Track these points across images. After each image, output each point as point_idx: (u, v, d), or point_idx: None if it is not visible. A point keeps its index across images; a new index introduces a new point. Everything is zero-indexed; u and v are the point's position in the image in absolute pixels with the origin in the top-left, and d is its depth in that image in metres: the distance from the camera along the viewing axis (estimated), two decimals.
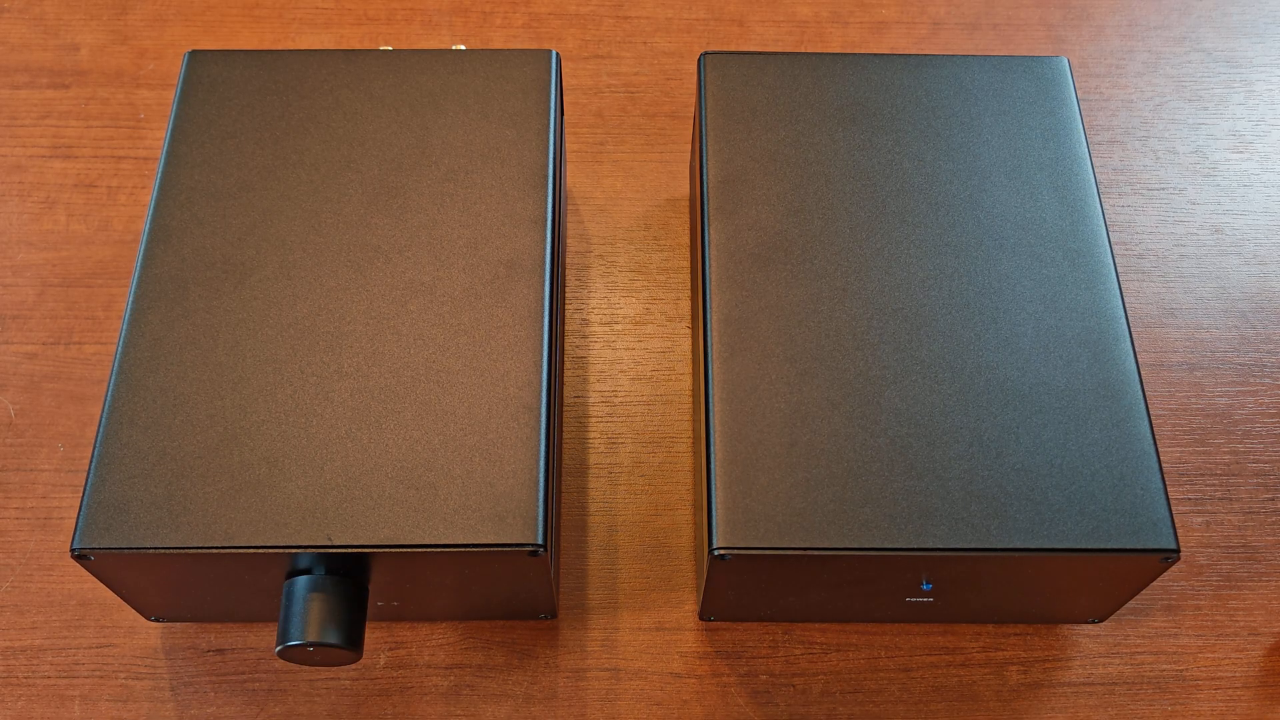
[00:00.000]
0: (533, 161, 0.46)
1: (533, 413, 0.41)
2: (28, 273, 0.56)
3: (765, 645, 0.48)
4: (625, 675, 0.47)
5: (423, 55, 0.49)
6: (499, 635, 0.48)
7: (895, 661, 0.47)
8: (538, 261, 0.44)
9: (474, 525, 0.39)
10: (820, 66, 0.49)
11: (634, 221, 0.59)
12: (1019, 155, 0.47)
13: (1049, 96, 0.49)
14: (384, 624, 0.47)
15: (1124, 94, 0.64)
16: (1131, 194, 0.61)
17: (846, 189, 0.46)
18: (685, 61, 0.64)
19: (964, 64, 0.50)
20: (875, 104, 0.48)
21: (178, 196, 0.45)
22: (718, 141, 0.47)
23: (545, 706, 0.46)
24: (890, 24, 0.66)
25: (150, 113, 0.62)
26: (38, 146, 0.60)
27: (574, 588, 0.49)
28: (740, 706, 0.46)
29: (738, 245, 0.45)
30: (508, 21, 0.66)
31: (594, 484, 0.51)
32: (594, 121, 0.62)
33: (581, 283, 0.57)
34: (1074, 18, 0.67)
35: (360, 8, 0.66)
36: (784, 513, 0.39)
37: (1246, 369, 0.55)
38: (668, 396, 0.53)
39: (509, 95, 0.48)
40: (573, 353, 0.55)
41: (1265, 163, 0.62)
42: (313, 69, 0.48)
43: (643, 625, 0.48)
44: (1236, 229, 0.59)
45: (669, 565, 0.49)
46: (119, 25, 0.65)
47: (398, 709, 0.46)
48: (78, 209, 0.58)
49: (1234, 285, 0.58)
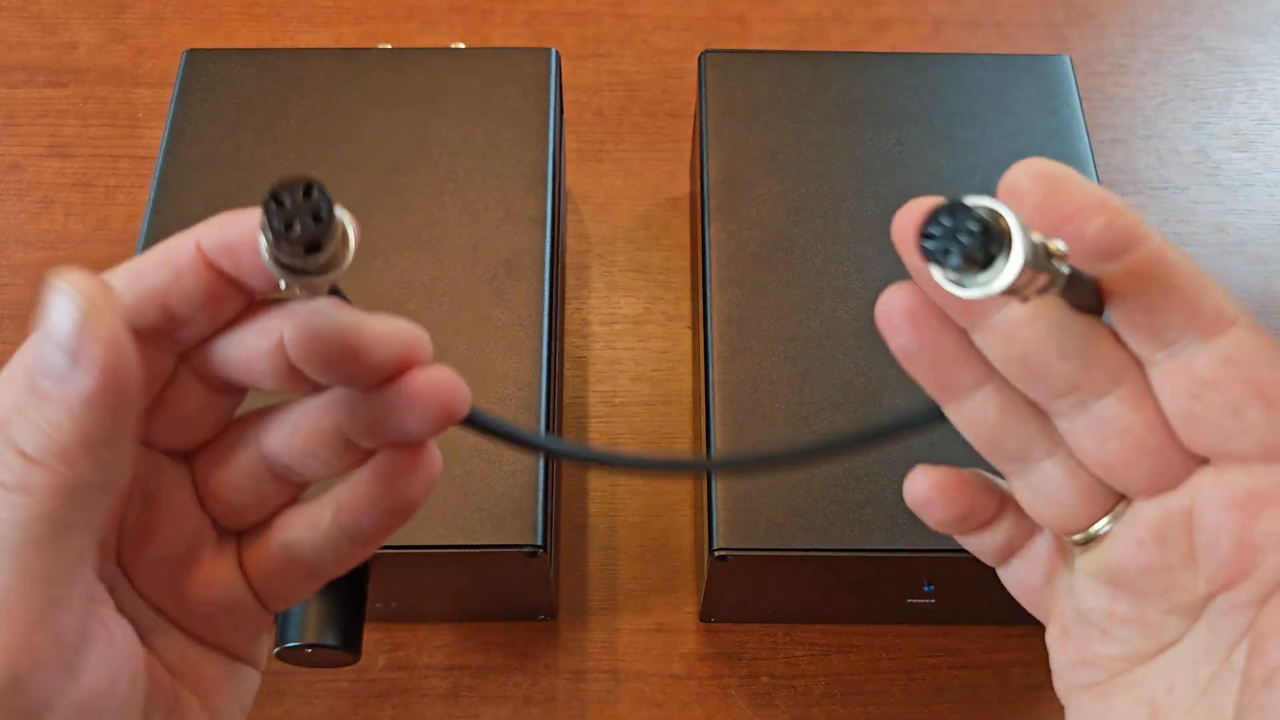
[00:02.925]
0: (532, 160, 0.46)
1: (533, 413, 0.40)
2: (25, 272, 0.56)
3: (766, 647, 0.47)
4: (625, 677, 0.47)
5: (422, 54, 0.49)
6: (498, 637, 0.47)
7: (897, 663, 0.47)
8: (537, 261, 0.44)
9: (473, 526, 0.38)
10: (821, 65, 0.49)
11: (634, 221, 0.59)
12: (1021, 154, 0.46)
13: (1051, 95, 0.49)
14: (383, 625, 0.47)
15: (1126, 93, 0.64)
16: (1134, 193, 0.60)
17: (848, 188, 0.46)
18: (686, 60, 0.64)
19: (966, 62, 0.49)
20: (877, 103, 0.48)
21: (176, 196, 0.45)
22: (718, 140, 0.47)
23: (545, 708, 0.46)
24: (892, 22, 0.66)
25: (148, 111, 0.62)
26: (35, 145, 0.60)
27: (574, 589, 0.49)
28: (741, 708, 0.46)
29: (738, 244, 0.44)
30: (507, 20, 0.65)
31: (594, 484, 0.51)
32: (594, 120, 0.62)
33: (581, 282, 0.57)
34: (1076, 16, 0.67)
35: (359, 6, 0.66)
36: (784, 513, 0.39)
37: None
38: (668, 396, 0.53)
39: (508, 94, 0.48)
40: (573, 353, 0.54)
41: (1268, 162, 0.61)
42: (311, 67, 0.48)
43: (643, 627, 0.48)
44: (1239, 228, 0.59)
45: (669, 566, 0.49)
46: (117, 23, 0.65)
47: (396, 711, 0.46)
48: (75, 208, 0.58)
49: (1237, 285, 0.57)
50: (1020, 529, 0.26)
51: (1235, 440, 0.20)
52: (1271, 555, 0.20)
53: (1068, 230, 0.20)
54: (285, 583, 0.25)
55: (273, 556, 0.25)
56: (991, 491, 0.25)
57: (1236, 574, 0.21)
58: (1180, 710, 0.22)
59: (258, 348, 0.22)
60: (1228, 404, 0.20)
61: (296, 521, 0.24)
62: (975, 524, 0.26)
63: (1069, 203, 0.20)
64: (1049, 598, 0.26)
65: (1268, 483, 0.20)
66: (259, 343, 0.22)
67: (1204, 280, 0.20)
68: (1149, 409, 0.21)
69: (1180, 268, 0.20)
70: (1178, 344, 0.20)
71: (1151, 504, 0.22)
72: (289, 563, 0.25)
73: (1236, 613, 0.21)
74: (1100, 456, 0.22)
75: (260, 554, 0.25)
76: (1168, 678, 0.23)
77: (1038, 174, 0.20)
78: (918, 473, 0.25)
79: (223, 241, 0.21)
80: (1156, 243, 0.20)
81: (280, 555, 0.25)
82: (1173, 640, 0.23)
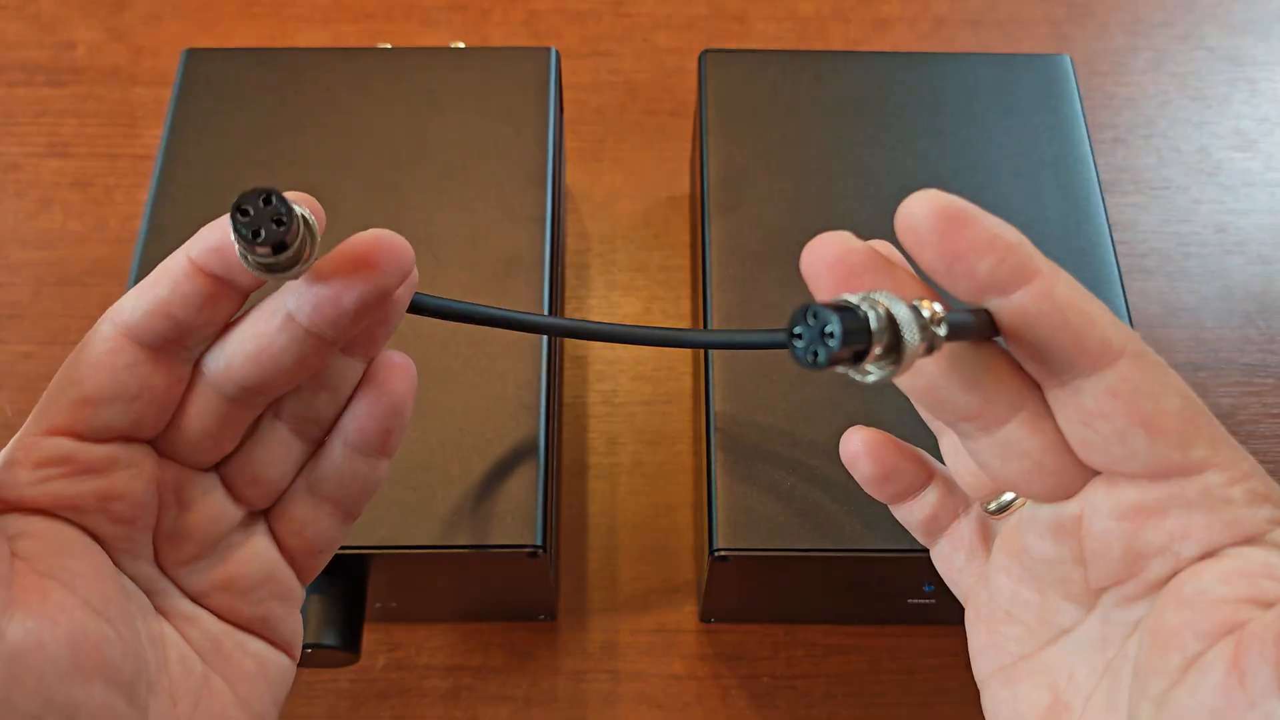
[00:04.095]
0: (532, 159, 0.46)
1: (532, 413, 0.40)
2: (23, 271, 0.56)
3: (766, 647, 0.47)
4: (625, 677, 0.47)
5: (421, 53, 0.49)
6: (498, 637, 0.47)
7: (898, 663, 0.47)
8: (537, 259, 0.43)
9: (473, 526, 0.38)
10: (822, 64, 0.49)
11: (634, 219, 0.58)
12: (1022, 153, 0.47)
13: (1052, 94, 0.48)
14: (382, 625, 0.47)
15: (1127, 92, 0.64)
16: (1135, 193, 0.60)
17: (848, 187, 0.46)
18: (686, 58, 0.64)
19: (967, 61, 0.49)
20: (877, 101, 0.48)
21: (174, 195, 0.45)
22: (718, 139, 0.47)
23: (545, 709, 0.46)
24: (893, 21, 0.66)
25: (147, 110, 0.61)
26: (33, 144, 0.60)
27: (574, 589, 0.49)
28: (741, 708, 0.46)
29: (738, 243, 0.44)
30: (506, 18, 0.65)
31: (594, 484, 0.51)
32: (593, 119, 0.62)
33: (581, 281, 0.56)
34: (1078, 15, 0.67)
35: (358, 4, 0.65)
36: (784, 513, 0.39)
37: (1250, 369, 0.55)
38: (668, 396, 0.53)
39: (508, 92, 0.47)
40: (573, 352, 0.54)
41: (1269, 161, 0.61)
42: (310, 66, 0.48)
43: (643, 627, 0.48)
44: (1240, 228, 0.59)
45: (669, 566, 0.49)
46: (115, 23, 0.64)
47: (396, 711, 0.46)
48: (74, 207, 0.58)
49: (1238, 285, 0.57)
50: (946, 507, 0.29)
51: (1122, 463, 0.22)
52: (1154, 561, 0.22)
53: (959, 268, 0.21)
54: (317, 534, 0.27)
55: (300, 512, 0.27)
56: (920, 462, 0.29)
57: (1124, 575, 0.23)
58: (1081, 695, 0.24)
59: (268, 328, 0.24)
60: (1114, 432, 0.21)
61: (312, 462, 0.27)
62: (901, 488, 0.29)
63: (960, 240, 0.21)
64: (969, 579, 0.28)
65: (1152, 498, 0.22)
66: (268, 325, 0.24)
67: (1092, 313, 0.21)
68: (1049, 432, 0.22)
69: (1069, 303, 0.21)
70: (1067, 376, 0.21)
71: (1048, 507, 0.24)
72: (316, 507, 0.27)
73: (1126, 607, 0.23)
74: (1003, 474, 0.23)
75: (289, 516, 0.27)
76: (1069, 665, 0.25)
77: (931, 210, 0.21)
78: (852, 431, 0.29)
79: (208, 247, 0.23)
80: (1046, 279, 0.21)
81: (307, 503, 0.27)
82: (1069, 627, 0.25)
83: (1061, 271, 0.21)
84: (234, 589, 0.26)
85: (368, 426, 0.27)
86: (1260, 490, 0.22)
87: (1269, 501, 0.22)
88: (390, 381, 0.27)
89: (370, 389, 0.27)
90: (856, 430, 0.29)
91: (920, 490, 0.29)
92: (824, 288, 0.22)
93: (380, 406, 0.27)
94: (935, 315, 0.20)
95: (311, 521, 0.27)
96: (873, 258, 0.22)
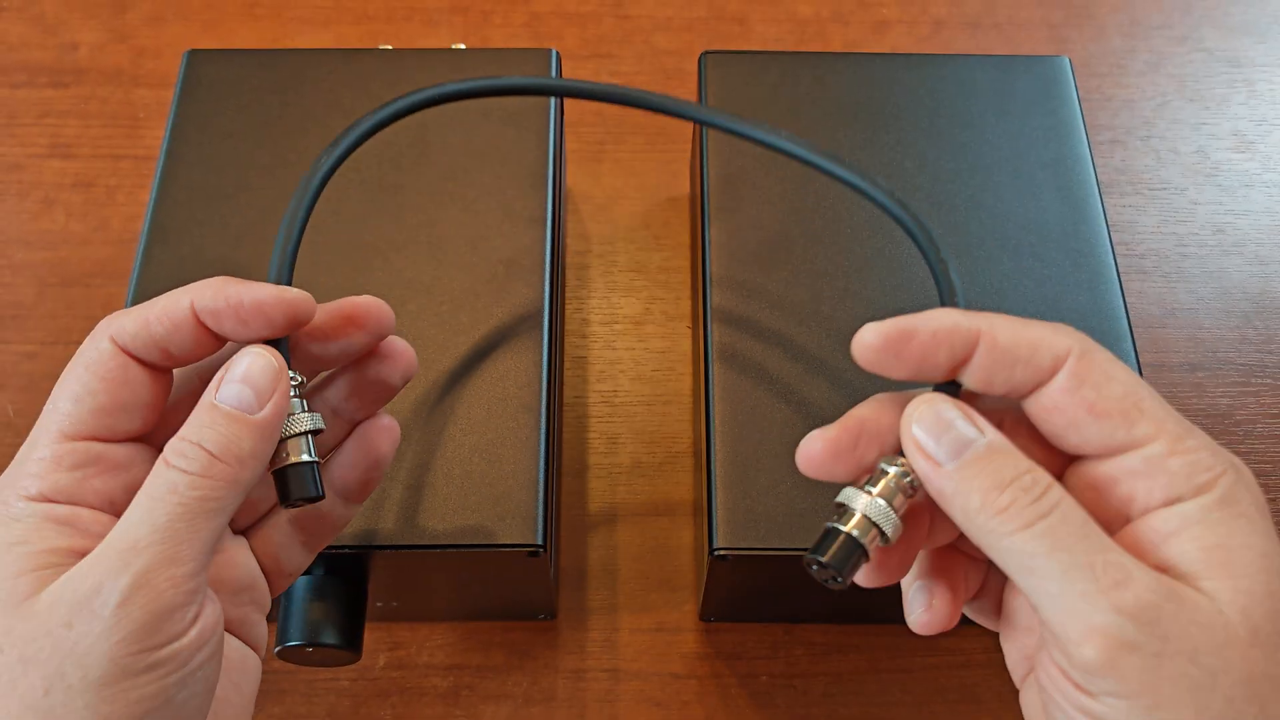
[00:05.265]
0: (532, 160, 0.46)
1: (532, 413, 0.40)
2: (26, 272, 0.56)
3: (766, 646, 0.47)
4: (625, 676, 0.47)
5: (422, 54, 0.49)
6: (498, 636, 0.47)
7: (896, 663, 0.47)
8: (537, 261, 0.44)
9: (473, 525, 0.38)
10: (821, 65, 0.49)
11: (634, 220, 0.59)
12: (1020, 155, 0.47)
13: (1051, 96, 0.49)
14: (383, 624, 0.47)
15: (1126, 93, 0.64)
16: (1133, 194, 0.60)
17: (847, 188, 0.46)
18: (686, 60, 0.64)
19: (965, 63, 0.50)
20: (876, 103, 0.48)
21: (176, 196, 0.45)
22: (718, 140, 0.47)
23: (545, 707, 0.46)
24: (892, 23, 0.66)
25: (149, 112, 0.62)
26: (36, 145, 0.60)
27: (574, 588, 0.49)
28: (741, 708, 0.46)
29: (738, 244, 0.45)
30: (507, 20, 0.66)
31: (594, 484, 0.51)
32: (594, 120, 0.62)
33: (581, 282, 0.57)
34: (1076, 17, 0.67)
35: (359, 6, 0.66)
36: (784, 513, 0.39)
37: (1248, 369, 0.55)
38: (668, 396, 0.53)
39: None
40: (573, 352, 0.54)
41: (1267, 163, 0.61)
42: (312, 68, 0.48)
43: (643, 626, 0.48)
44: (1238, 229, 0.59)
45: (669, 565, 0.49)
46: (117, 24, 0.65)
47: (397, 710, 0.46)
48: (76, 208, 0.58)
49: (1236, 285, 0.57)
50: None
51: (1081, 446, 0.26)
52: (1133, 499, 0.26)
53: (926, 369, 0.26)
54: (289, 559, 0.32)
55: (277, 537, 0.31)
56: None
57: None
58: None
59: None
60: (1070, 422, 0.25)
61: None
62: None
63: (913, 350, 0.25)
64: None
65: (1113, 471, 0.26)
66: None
67: (1034, 338, 0.25)
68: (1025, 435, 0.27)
69: (1012, 341, 0.25)
70: (1033, 390, 0.26)
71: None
72: (291, 535, 0.32)
73: None
74: None
75: (266, 539, 0.31)
76: None
77: (878, 340, 0.25)
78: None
79: (212, 309, 0.27)
80: (987, 334, 0.25)
81: (284, 530, 0.32)
82: None
83: (994, 316, 0.26)
84: (225, 590, 0.30)
85: (350, 477, 0.32)
86: (1202, 460, 0.25)
87: (1204, 468, 0.25)
88: (377, 441, 0.32)
89: (359, 445, 0.31)
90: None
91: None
92: (823, 476, 0.27)
93: (366, 461, 0.31)
94: (905, 466, 0.26)
95: (285, 546, 0.31)
96: (831, 449, 0.26)
